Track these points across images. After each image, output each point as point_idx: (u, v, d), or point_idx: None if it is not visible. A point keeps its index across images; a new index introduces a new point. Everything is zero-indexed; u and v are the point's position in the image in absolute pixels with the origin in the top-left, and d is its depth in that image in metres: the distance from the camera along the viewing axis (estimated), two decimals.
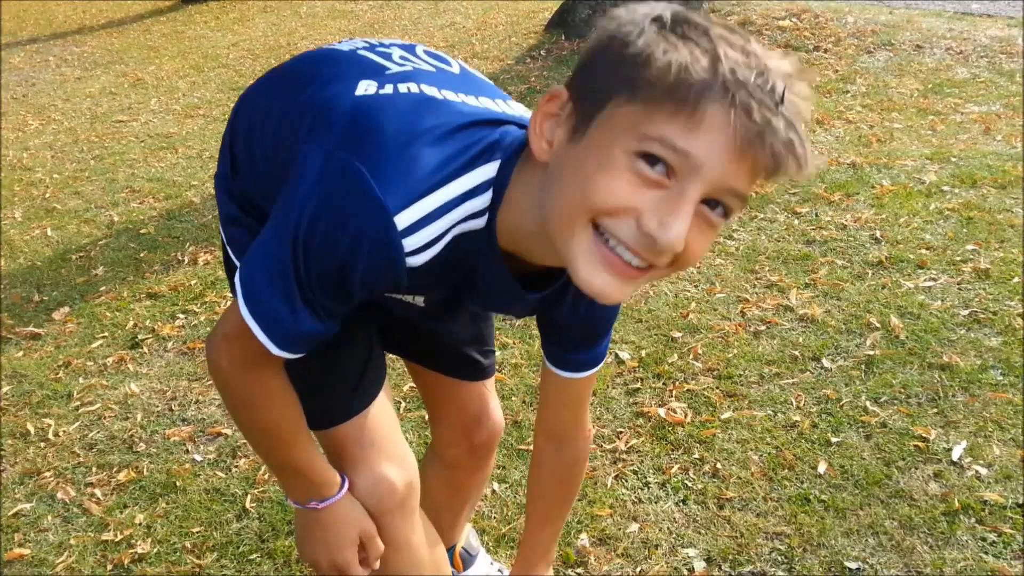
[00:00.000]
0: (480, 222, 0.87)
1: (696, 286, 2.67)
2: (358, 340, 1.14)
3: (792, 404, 2.08)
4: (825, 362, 2.23)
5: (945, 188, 3.15)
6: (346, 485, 1.07)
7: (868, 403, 2.05)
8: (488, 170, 0.85)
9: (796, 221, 3.03)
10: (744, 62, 0.71)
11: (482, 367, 1.37)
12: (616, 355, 2.33)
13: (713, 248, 2.89)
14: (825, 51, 4.95)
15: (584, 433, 1.24)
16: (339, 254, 0.82)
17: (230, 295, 0.99)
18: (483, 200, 0.86)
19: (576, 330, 1.07)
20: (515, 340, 2.44)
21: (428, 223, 0.82)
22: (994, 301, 2.41)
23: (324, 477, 1.05)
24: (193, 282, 2.97)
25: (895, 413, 2.01)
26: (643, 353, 2.32)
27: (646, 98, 0.72)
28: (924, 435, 1.92)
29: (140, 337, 2.63)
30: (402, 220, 0.81)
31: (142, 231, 3.47)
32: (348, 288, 0.86)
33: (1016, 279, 2.50)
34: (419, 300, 1.02)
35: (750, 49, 0.73)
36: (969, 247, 2.71)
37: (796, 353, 2.27)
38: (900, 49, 4.89)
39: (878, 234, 2.86)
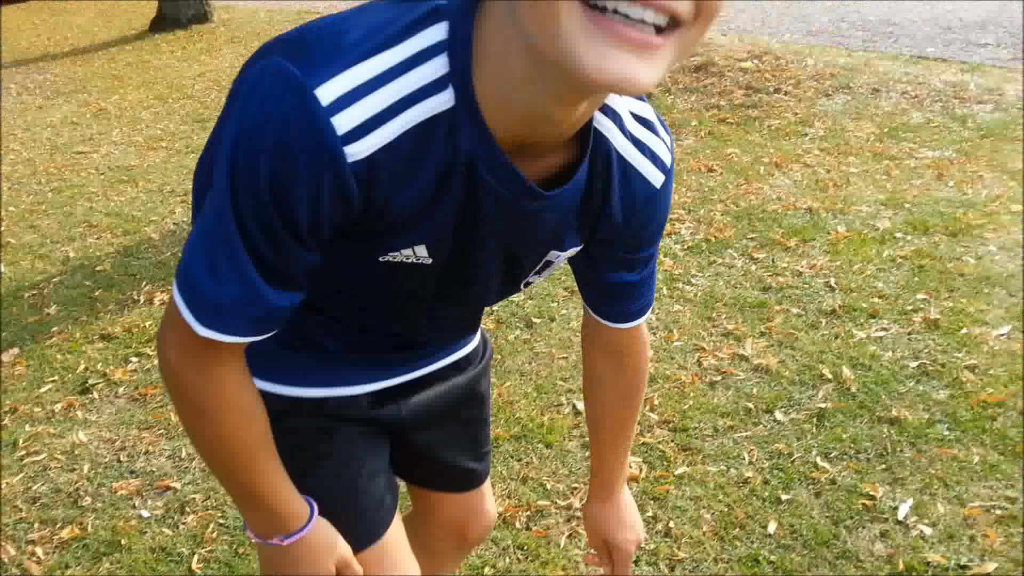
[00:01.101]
0: (444, 98, 0.71)
1: (655, 333, 2.68)
2: (374, 459, 1.08)
3: (745, 459, 2.09)
4: (778, 415, 2.25)
5: (898, 235, 3.22)
6: (315, 512, 0.93)
7: (819, 458, 2.07)
8: (434, 33, 0.70)
9: (753, 267, 3.07)
10: None
11: (478, 473, 1.27)
12: (573, 406, 2.33)
13: (671, 294, 2.92)
14: (785, 93, 5.05)
15: (644, 339, 1.11)
16: (266, 163, 0.68)
17: None
18: (436, 67, 0.70)
19: (626, 244, 0.94)
20: None
21: (361, 96, 0.68)
22: (942, 352, 2.45)
23: (290, 508, 0.90)
24: (148, 323, 2.93)
25: (844, 469, 2.03)
26: None
27: None
28: (872, 493, 1.94)
29: (91, 382, 2.58)
30: (325, 94, 0.67)
31: (98, 268, 3.42)
32: (291, 213, 0.71)
33: (964, 330, 2.55)
34: (422, 253, 0.83)
35: None
36: (920, 296, 2.77)
37: (750, 405, 2.29)
38: (857, 92, 5.00)
39: (832, 281, 2.91)
